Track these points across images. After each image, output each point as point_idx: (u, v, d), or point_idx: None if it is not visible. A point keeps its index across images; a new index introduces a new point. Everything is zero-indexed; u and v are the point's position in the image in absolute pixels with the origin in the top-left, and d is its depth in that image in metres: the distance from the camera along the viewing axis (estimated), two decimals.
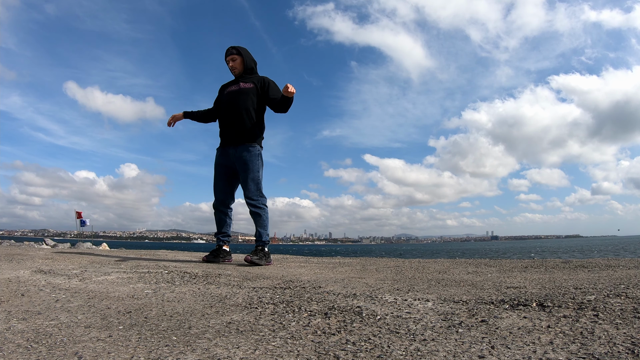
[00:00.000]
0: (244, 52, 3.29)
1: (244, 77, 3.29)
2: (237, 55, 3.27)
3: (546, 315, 1.21)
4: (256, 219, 3.18)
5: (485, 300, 1.47)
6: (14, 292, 1.74)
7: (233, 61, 3.28)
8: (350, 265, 3.13)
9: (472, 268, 2.77)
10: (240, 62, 3.28)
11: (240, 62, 3.28)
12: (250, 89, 3.22)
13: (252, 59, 3.33)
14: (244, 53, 3.28)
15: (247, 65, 3.29)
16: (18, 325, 1.22)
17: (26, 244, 8.80)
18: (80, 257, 3.48)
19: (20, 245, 7.72)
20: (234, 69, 3.30)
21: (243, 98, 3.21)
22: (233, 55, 3.27)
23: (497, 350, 0.94)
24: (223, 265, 3.03)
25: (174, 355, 0.96)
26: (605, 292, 1.46)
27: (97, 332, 1.16)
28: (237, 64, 3.28)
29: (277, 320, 1.28)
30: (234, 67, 3.29)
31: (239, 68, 3.28)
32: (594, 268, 2.52)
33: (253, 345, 1.04)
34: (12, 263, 2.78)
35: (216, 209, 3.33)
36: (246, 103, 3.20)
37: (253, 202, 3.16)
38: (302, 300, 1.56)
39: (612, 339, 0.97)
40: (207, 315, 1.37)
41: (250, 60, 3.31)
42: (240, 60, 3.28)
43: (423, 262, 3.43)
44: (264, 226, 3.17)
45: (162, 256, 4.02)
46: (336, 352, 0.97)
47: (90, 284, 2.00)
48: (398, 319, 1.26)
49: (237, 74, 3.31)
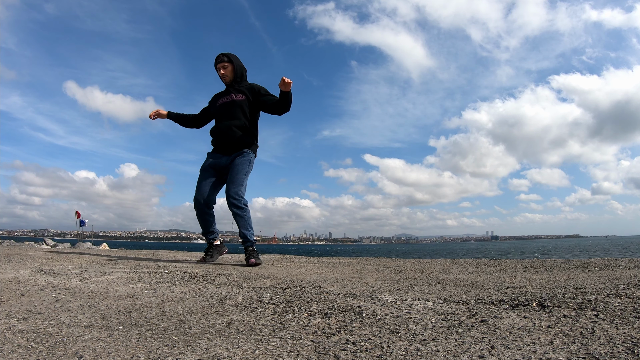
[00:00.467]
0: (235, 60, 3.27)
1: (234, 86, 3.28)
2: (228, 62, 3.25)
3: (546, 315, 1.21)
4: (238, 220, 3.15)
5: (485, 300, 1.47)
6: (14, 292, 1.75)
7: (224, 69, 3.25)
8: (350, 265, 3.13)
9: (472, 268, 2.77)
10: (231, 70, 3.26)
11: (231, 70, 3.26)
12: (242, 101, 3.23)
13: (242, 66, 3.31)
14: (234, 60, 3.26)
15: (237, 73, 3.27)
16: (18, 325, 1.22)
17: (26, 244, 8.80)
18: (80, 257, 3.48)
19: (20, 245, 7.72)
20: (225, 77, 3.27)
21: (236, 110, 3.22)
22: (224, 63, 3.24)
23: (497, 350, 0.94)
24: (223, 265, 3.03)
25: (174, 355, 0.96)
26: (605, 292, 1.46)
27: (97, 332, 1.17)
28: (228, 71, 3.25)
29: (277, 320, 1.28)
30: (225, 74, 3.26)
31: (230, 76, 3.26)
32: (594, 268, 2.52)
33: (253, 345, 1.04)
34: (12, 263, 2.78)
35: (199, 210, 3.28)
36: (239, 115, 3.21)
37: (234, 201, 3.10)
38: (302, 300, 1.56)
39: (612, 339, 0.97)
40: (207, 315, 1.37)
41: (240, 67, 3.28)
42: (231, 68, 3.26)
43: (423, 262, 3.43)
44: (247, 227, 3.15)
45: (162, 256, 4.02)
46: (336, 352, 0.97)
47: (90, 284, 2.00)
48: (398, 319, 1.26)
49: (227, 82, 3.30)
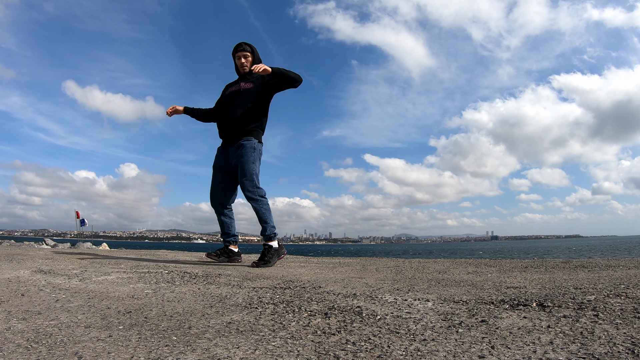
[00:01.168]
0: (256, 52, 3.23)
1: (246, 77, 3.23)
2: (250, 53, 3.20)
3: (546, 315, 1.21)
4: (256, 212, 3.11)
5: (485, 300, 1.47)
6: (14, 292, 1.74)
7: (245, 58, 3.19)
8: (350, 265, 3.13)
9: (472, 268, 2.77)
10: (251, 61, 3.21)
11: (251, 61, 3.21)
12: (249, 89, 3.17)
13: (260, 60, 3.26)
14: (256, 53, 3.22)
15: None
16: (18, 325, 1.22)
17: (26, 244, 8.81)
18: (80, 257, 3.48)
19: (20, 245, 7.72)
20: (244, 66, 3.20)
21: (242, 98, 3.16)
22: (245, 52, 3.19)
23: (497, 350, 0.94)
24: (223, 265, 3.03)
25: (174, 355, 0.96)
26: (605, 292, 1.46)
27: (97, 332, 1.16)
28: (249, 61, 3.20)
29: (277, 320, 1.28)
30: (245, 64, 3.20)
31: (249, 66, 3.20)
32: (594, 268, 2.52)
33: (253, 345, 1.04)
34: (12, 263, 2.78)
35: (215, 211, 3.30)
36: (244, 103, 3.15)
37: (248, 194, 3.08)
38: (302, 300, 1.56)
39: (612, 339, 0.97)
40: (207, 315, 1.37)
41: (259, 61, 3.24)
42: (252, 59, 3.21)
43: (423, 262, 3.43)
44: (264, 219, 3.08)
45: (162, 256, 4.02)
46: (336, 352, 0.97)
47: (90, 284, 2.00)
48: (398, 319, 1.26)
49: (244, 72, 3.23)
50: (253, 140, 3.15)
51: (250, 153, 3.10)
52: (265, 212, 3.08)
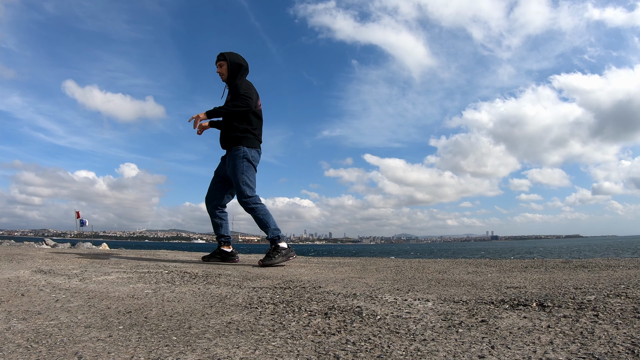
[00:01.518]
0: (230, 57, 3.25)
1: (228, 85, 3.31)
2: (223, 61, 3.26)
3: (546, 315, 1.21)
4: (255, 220, 3.17)
5: (485, 300, 1.47)
6: (14, 292, 1.74)
7: (220, 67, 3.28)
8: (350, 265, 3.13)
9: (472, 268, 2.77)
10: (225, 69, 3.26)
11: (225, 69, 3.26)
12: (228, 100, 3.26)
13: (238, 64, 3.26)
14: (229, 58, 3.25)
15: (232, 72, 3.24)
16: (18, 325, 1.22)
17: (26, 244, 8.81)
18: (80, 257, 3.48)
19: (20, 245, 7.72)
20: (221, 75, 3.30)
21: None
22: (220, 62, 3.27)
23: (497, 350, 0.94)
24: (223, 265, 3.03)
25: (174, 355, 0.96)
26: (605, 292, 1.46)
27: (97, 332, 1.16)
28: (223, 69, 3.27)
29: (277, 320, 1.28)
30: (221, 73, 3.29)
31: (225, 74, 3.27)
32: (594, 268, 2.52)
33: (253, 345, 1.04)
34: (12, 263, 2.78)
35: (209, 214, 3.41)
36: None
37: (243, 206, 3.17)
38: (302, 300, 1.56)
39: (612, 339, 0.97)
40: (207, 315, 1.37)
41: (235, 65, 3.24)
42: (226, 67, 3.26)
43: (423, 262, 3.43)
44: (264, 224, 3.12)
45: (162, 256, 4.02)
46: (336, 352, 0.97)
47: (90, 284, 2.00)
48: (398, 319, 1.26)
49: (223, 80, 3.31)
50: (242, 148, 3.16)
51: (239, 163, 3.14)
52: (263, 217, 3.13)
